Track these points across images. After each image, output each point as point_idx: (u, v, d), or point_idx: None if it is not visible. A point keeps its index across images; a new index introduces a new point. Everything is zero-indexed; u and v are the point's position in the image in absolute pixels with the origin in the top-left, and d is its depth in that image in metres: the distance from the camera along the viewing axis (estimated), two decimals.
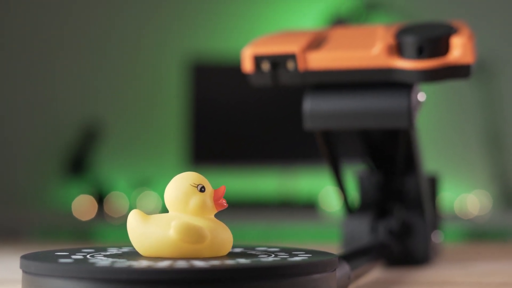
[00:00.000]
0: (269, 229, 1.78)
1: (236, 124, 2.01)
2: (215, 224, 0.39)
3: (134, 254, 0.40)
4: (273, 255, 0.39)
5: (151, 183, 1.96)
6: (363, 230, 0.60)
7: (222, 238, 0.39)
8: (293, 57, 0.55)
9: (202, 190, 0.39)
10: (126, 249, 0.42)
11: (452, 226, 1.75)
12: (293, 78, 0.56)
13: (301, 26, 2.00)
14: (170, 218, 0.39)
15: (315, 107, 0.55)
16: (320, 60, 0.55)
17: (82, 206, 1.89)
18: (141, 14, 2.13)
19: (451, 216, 1.82)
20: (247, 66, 0.57)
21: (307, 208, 1.86)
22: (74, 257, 0.38)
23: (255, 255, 0.39)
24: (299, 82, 0.56)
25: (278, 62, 0.56)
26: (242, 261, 0.36)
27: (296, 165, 1.98)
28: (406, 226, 0.60)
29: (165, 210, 0.40)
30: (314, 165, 1.93)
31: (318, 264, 0.36)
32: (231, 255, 0.39)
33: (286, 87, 0.58)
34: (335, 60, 0.54)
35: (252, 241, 1.20)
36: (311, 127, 0.56)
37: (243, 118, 2.01)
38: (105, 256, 0.39)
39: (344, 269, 0.42)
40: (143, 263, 0.35)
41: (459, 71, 0.53)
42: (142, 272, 0.33)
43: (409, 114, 0.53)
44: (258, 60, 0.56)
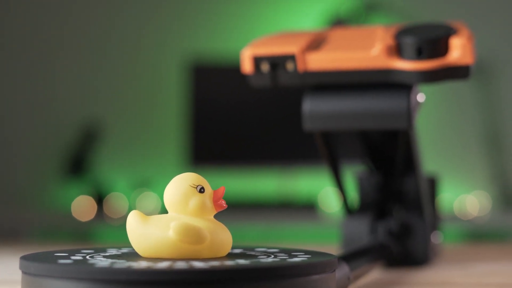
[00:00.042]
0: (268, 229, 1.78)
1: (235, 124, 2.01)
2: (215, 225, 0.39)
3: (133, 255, 0.40)
4: (272, 256, 0.39)
5: (151, 184, 1.96)
6: (363, 231, 0.60)
7: (222, 239, 0.39)
8: (292, 58, 0.55)
9: (202, 191, 0.39)
10: (125, 249, 0.42)
11: (451, 227, 1.75)
12: (292, 79, 0.56)
13: (300, 27, 2.00)
14: (170, 219, 0.39)
15: (315, 108, 0.55)
16: (319, 61, 0.55)
17: (82, 206, 1.89)
18: (140, 15, 2.13)
19: (451, 217, 1.82)
20: (247, 66, 0.57)
21: (307, 209, 1.86)
22: (73, 258, 0.38)
23: (255, 256, 0.39)
24: (299, 83, 0.56)
25: (277, 63, 0.56)
26: (242, 262, 0.36)
27: (295, 166, 1.98)
28: (405, 227, 0.60)
29: (164, 211, 0.40)
30: (313, 166, 1.93)
31: (317, 265, 0.36)
32: (231, 256, 0.39)
33: (285, 88, 0.58)
34: (335, 61, 0.54)
35: (251, 242, 1.20)
36: (311, 128, 0.56)
37: (243, 118, 2.01)
38: (104, 257, 0.39)
39: (343, 270, 0.42)
40: (143, 264, 0.35)
41: (459, 72, 0.53)
42: (142, 273, 0.33)
43: (408, 115, 0.53)
44: (257, 60, 0.56)
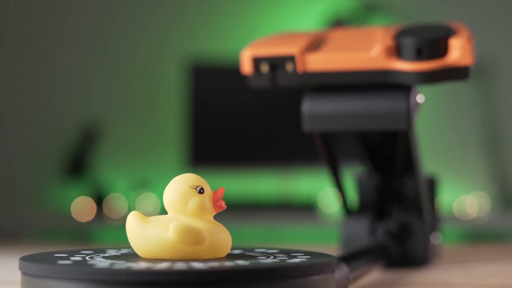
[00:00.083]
0: (268, 230, 1.78)
1: (235, 125, 2.01)
2: (214, 225, 0.39)
3: (133, 256, 0.40)
4: (272, 257, 0.39)
5: (150, 185, 1.96)
6: (362, 231, 0.60)
7: (221, 240, 0.39)
8: (292, 58, 0.55)
9: (201, 191, 0.39)
10: (125, 250, 0.42)
11: (451, 228, 1.75)
12: (292, 79, 0.56)
13: (300, 28, 2.00)
14: (169, 220, 0.39)
15: (314, 109, 0.55)
16: (319, 61, 0.55)
17: (81, 207, 1.89)
18: (140, 16, 2.13)
19: (450, 217, 1.82)
20: (246, 67, 0.57)
21: (306, 209, 1.86)
22: (73, 258, 0.38)
23: (254, 257, 0.39)
24: (298, 83, 0.56)
25: (277, 63, 0.56)
26: (241, 262, 0.36)
27: (295, 166, 1.98)
28: (405, 228, 0.60)
29: (164, 211, 0.40)
30: (313, 166, 1.93)
31: (317, 265, 0.36)
32: (230, 257, 0.39)
33: (285, 89, 0.58)
34: (334, 61, 0.54)
35: (251, 242, 1.20)
36: (310, 129, 0.56)
37: (242, 119, 2.01)
38: (104, 257, 0.39)
39: (343, 270, 0.42)
40: (142, 265, 0.35)
41: (458, 73, 0.53)
42: (141, 273, 0.33)
43: (408, 116, 0.53)
44: (257, 61, 0.56)
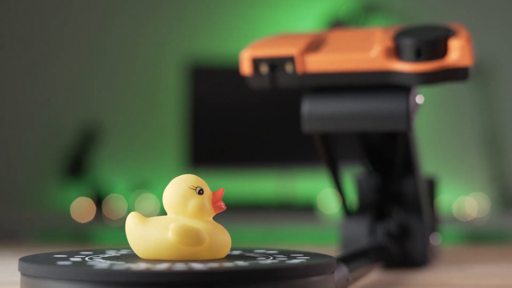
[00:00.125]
0: (267, 231, 1.78)
1: (234, 126, 2.01)
2: (214, 226, 0.39)
3: (132, 257, 0.40)
4: (271, 258, 0.39)
5: (150, 186, 1.96)
6: (362, 232, 0.60)
7: (221, 241, 0.39)
8: (291, 59, 0.55)
9: (201, 192, 0.39)
10: (124, 251, 0.42)
11: (450, 229, 1.75)
12: (291, 80, 0.56)
13: (299, 29, 2.00)
14: (169, 221, 0.39)
15: (314, 110, 0.55)
16: (318, 62, 0.55)
17: (81, 208, 1.89)
18: (139, 16, 2.13)
19: (450, 218, 1.82)
20: (246, 68, 0.57)
21: (306, 210, 1.86)
22: (72, 259, 0.38)
23: (254, 258, 0.39)
24: (298, 84, 0.56)
25: (276, 64, 0.56)
26: (241, 263, 0.36)
27: (294, 167, 1.98)
28: (404, 229, 0.60)
29: (163, 212, 0.40)
30: (312, 167, 1.93)
31: (316, 266, 0.36)
32: (230, 258, 0.39)
33: (284, 90, 0.58)
34: (334, 62, 0.54)
35: (250, 243, 1.20)
36: (310, 130, 0.56)
37: (242, 120, 2.01)
38: (103, 258, 0.39)
39: (342, 271, 0.42)
40: (142, 266, 0.35)
41: (457, 74, 0.53)
42: (141, 274, 0.33)
43: (407, 116, 0.53)
44: (256, 62, 0.56)
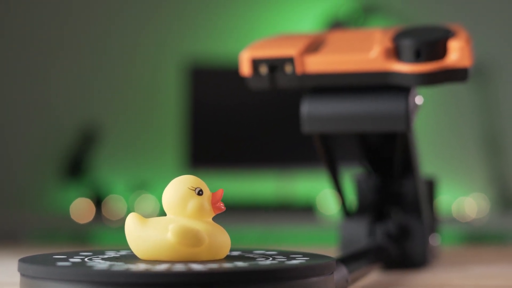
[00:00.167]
0: (267, 232, 1.78)
1: (234, 127, 2.01)
2: (213, 227, 0.39)
3: (132, 257, 0.40)
4: (271, 258, 0.39)
5: (149, 186, 1.96)
6: (361, 233, 0.60)
7: (220, 241, 0.39)
8: (291, 60, 0.55)
9: (200, 193, 0.39)
10: (124, 252, 0.42)
11: (449, 229, 1.75)
12: (291, 81, 0.56)
13: (299, 30, 2.00)
14: (168, 221, 0.39)
15: (313, 111, 0.55)
16: (317, 63, 0.55)
17: (80, 209, 1.89)
18: (139, 17, 2.13)
19: (449, 219, 1.82)
20: (245, 69, 0.57)
21: (305, 211, 1.86)
22: (72, 260, 0.38)
23: (253, 258, 0.39)
24: (297, 85, 0.56)
25: (276, 65, 0.56)
26: (240, 264, 0.36)
27: (294, 168, 1.98)
28: (403, 229, 0.60)
29: (163, 213, 0.40)
30: (312, 168, 1.93)
31: (316, 267, 0.36)
32: (229, 258, 0.39)
33: (284, 91, 0.58)
34: (333, 63, 0.54)
35: (250, 244, 1.20)
36: (309, 130, 0.56)
37: (241, 121, 2.01)
38: (103, 259, 0.39)
39: (341, 272, 0.42)
40: (141, 266, 0.35)
41: (457, 75, 0.53)
42: (140, 275, 0.33)
43: (406, 117, 0.53)
44: (256, 63, 0.56)
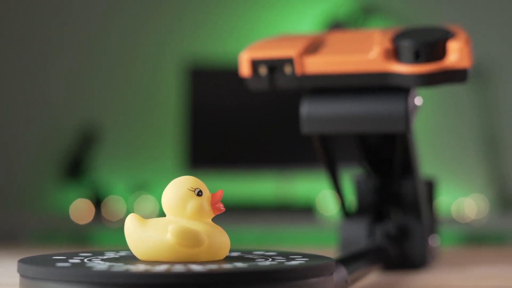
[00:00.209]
0: (266, 233, 1.78)
1: (233, 128, 2.01)
2: (213, 228, 0.39)
3: (131, 258, 0.40)
4: (270, 259, 0.39)
5: (149, 187, 1.96)
6: (360, 234, 0.60)
7: (220, 242, 0.39)
8: (290, 61, 0.55)
9: (200, 194, 0.39)
10: (123, 253, 0.42)
11: (449, 230, 1.75)
12: (290, 82, 0.56)
13: (298, 30, 2.00)
14: (168, 222, 0.39)
15: (312, 111, 0.55)
16: (317, 64, 0.55)
17: (80, 209, 1.89)
18: (138, 18, 2.13)
19: (448, 220, 1.82)
20: (245, 70, 0.57)
21: (305, 212, 1.86)
22: (71, 261, 0.38)
23: (253, 259, 0.39)
24: (296, 86, 0.56)
25: (275, 66, 0.56)
26: (240, 265, 0.36)
27: (293, 169, 1.98)
28: (403, 230, 0.60)
29: (162, 214, 0.40)
30: (311, 169, 1.93)
31: (315, 268, 0.36)
32: (229, 259, 0.39)
33: (283, 91, 0.58)
34: (332, 64, 0.54)
35: (249, 245, 1.19)
36: (308, 131, 0.56)
37: (241, 122, 2.01)
38: (102, 260, 0.39)
39: (341, 273, 0.42)
40: (141, 267, 0.35)
41: (456, 76, 0.53)
42: (140, 276, 0.33)
43: (406, 118, 0.53)
44: (255, 64, 0.56)
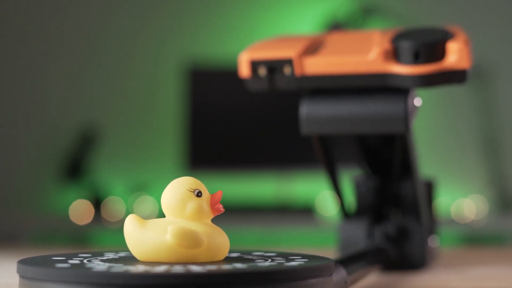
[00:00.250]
0: (265, 233, 1.78)
1: (233, 128, 2.01)
2: (212, 229, 0.39)
3: (131, 259, 0.40)
4: (269, 260, 0.39)
5: (148, 188, 1.96)
6: (360, 234, 0.60)
7: (219, 243, 0.39)
8: (289, 62, 0.55)
9: (199, 195, 0.39)
10: (123, 253, 0.42)
11: (448, 231, 1.75)
12: (289, 83, 0.56)
13: (298, 31, 2.00)
14: (167, 223, 0.39)
15: (312, 112, 0.55)
16: (316, 65, 0.55)
17: (79, 210, 1.89)
18: (138, 19, 2.13)
19: (448, 220, 1.82)
20: (244, 71, 0.57)
21: (304, 212, 1.86)
22: (71, 262, 0.38)
23: (252, 260, 0.39)
24: (296, 87, 0.56)
25: (274, 67, 0.56)
26: (239, 265, 0.36)
27: (293, 169, 1.98)
28: (402, 231, 0.60)
29: (162, 215, 0.40)
30: (310, 169, 1.93)
31: (314, 268, 0.36)
32: (228, 260, 0.39)
33: (283, 92, 0.59)
34: (332, 65, 0.54)
35: (248, 245, 1.20)
36: (308, 132, 0.56)
37: (240, 122, 2.01)
38: (102, 261, 0.39)
39: (340, 273, 0.42)
40: (140, 268, 0.35)
41: (455, 76, 0.53)
42: (139, 277, 0.33)
43: (405, 119, 0.53)
44: (254, 65, 0.56)
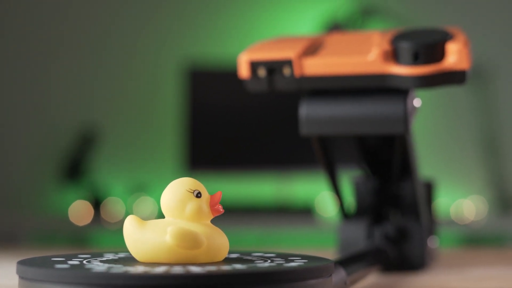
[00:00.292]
0: (265, 234, 1.78)
1: (232, 129, 2.01)
2: (211, 229, 0.39)
3: (130, 260, 0.40)
4: (269, 261, 0.39)
5: (148, 189, 1.96)
6: (359, 235, 0.60)
7: (218, 244, 0.39)
8: (289, 63, 0.55)
9: (199, 195, 0.39)
10: (122, 254, 0.42)
11: (448, 232, 1.75)
12: (289, 84, 0.56)
13: (297, 32, 2.00)
14: (166, 224, 0.39)
15: (311, 113, 0.55)
16: (316, 66, 0.55)
17: (79, 211, 1.88)
18: (137, 20, 2.13)
19: (447, 221, 1.82)
20: (244, 71, 0.57)
21: (303, 213, 1.86)
22: (70, 262, 0.38)
23: (251, 261, 0.39)
24: (295, 88, 0.56)
25: (274, 68, 0.56)
26: (238, 266, 0.36)
27: (292, 170, 1.98)
28: (402, 232, 0.60)
29: (161, 215, 0.40)
30: (310, 170, 1.93)
31: (314, 269, 0.36)
32: (227, 261, 0.39)
33: (282, 93, 0.59)
34: (331, 66, 0.54)
35: (248, 246, 1.20)
36: (307, 133, 0.56)
37: (240, 123, 2.01)
38: (101, 261, 0.39)
39: (340, 274, 0.42)
40: (140, 269, 0.35)
41: (455, 77, 0.53)
42: (139, 277, 0.33)
43: (405, 119, 0.53)
44: (254, 65, 0.56)
